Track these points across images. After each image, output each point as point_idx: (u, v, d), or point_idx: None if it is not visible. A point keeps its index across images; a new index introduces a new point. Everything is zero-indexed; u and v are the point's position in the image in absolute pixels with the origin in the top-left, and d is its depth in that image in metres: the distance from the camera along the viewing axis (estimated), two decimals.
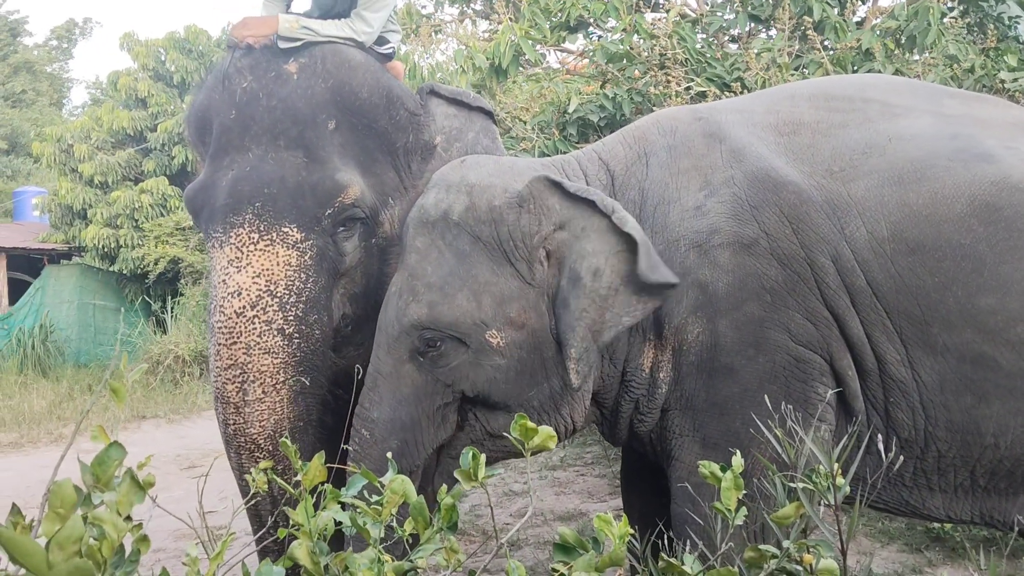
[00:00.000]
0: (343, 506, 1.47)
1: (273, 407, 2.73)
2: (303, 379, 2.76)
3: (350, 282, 2.91)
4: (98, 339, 13.39)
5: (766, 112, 2.79)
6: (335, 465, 2.44)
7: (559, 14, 6.35)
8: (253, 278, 2.73)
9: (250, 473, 1.71)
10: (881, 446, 1.94)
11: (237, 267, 2.74)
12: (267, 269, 2.74)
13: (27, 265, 15.24)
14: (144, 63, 14.14)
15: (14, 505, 1.17)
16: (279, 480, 1.57)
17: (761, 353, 2.51)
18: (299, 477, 1.47)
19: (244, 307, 2.72)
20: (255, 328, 2.72)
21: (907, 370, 2.51)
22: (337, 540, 2.05)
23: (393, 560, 1.37)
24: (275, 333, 2.72)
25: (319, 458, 1.49)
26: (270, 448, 2.75)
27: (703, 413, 2.58)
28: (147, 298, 13.63)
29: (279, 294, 2.74)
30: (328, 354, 2.84)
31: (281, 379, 2.73)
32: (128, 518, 1.15)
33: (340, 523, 1.44)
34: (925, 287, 2.48)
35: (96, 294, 13.78)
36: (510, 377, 2.55)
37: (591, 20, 6.44)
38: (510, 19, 6.26)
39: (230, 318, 2.72)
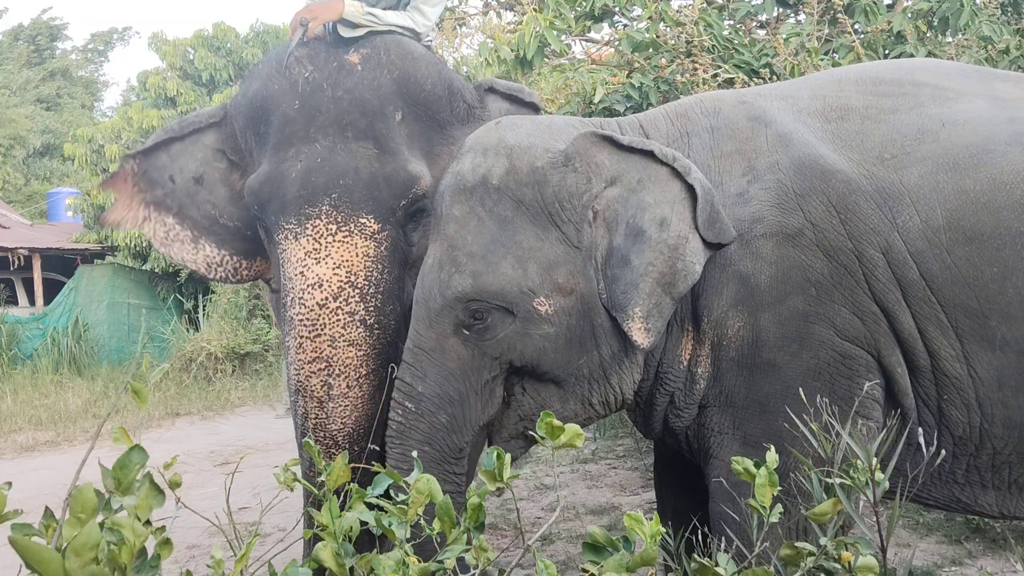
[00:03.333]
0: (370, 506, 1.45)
1: (356, 402, 2.73)
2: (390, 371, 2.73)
3: (415, 272, 2.90)
4: (131, 337, 13.54)
5: (812, 98, 2.69)
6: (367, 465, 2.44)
7: (584, 3, 6.28)
8: (334, 269, 2.72)
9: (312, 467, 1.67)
10: (922, 441, 1.88)
11: (316, 258, 2.73)
12: (347, 260, 2.73)
13: (61, 265, 15.44)
14: (172, 62, 14.27)
15: (47, 509, 1.16)
16: (304, 482, 1.55)
17: (805, 349, 2.42)
18: (323, 478, 1.45)
19: (327, 299, 2.71)
20: (339, 320, 2.71)
21: (962, 366, 2.41)
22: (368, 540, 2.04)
23: (420, 562, 1.35)
24: (358, 324, 2.72)
25: (343, 458, 1.47)
26: (347, 445, 2.72)
27: (744, 410, 2.50)
28: (179, 296, 13.76)
29: (360, 285, 2.73)
30: (400, 346, 2.82)
31: (364, 372, 2.73)
32: (148, 522, 1.14)
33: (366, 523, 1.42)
34: (983, 278, 2.38)
35: (129, 293, 13.93)
36: (559, 346, 2.46)
37: (616, 9, 6.37)
38: (534, 10, 6.20)
39: (312, 310, 2.71)
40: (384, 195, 2.80)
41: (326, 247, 2.73)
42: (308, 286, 2.72)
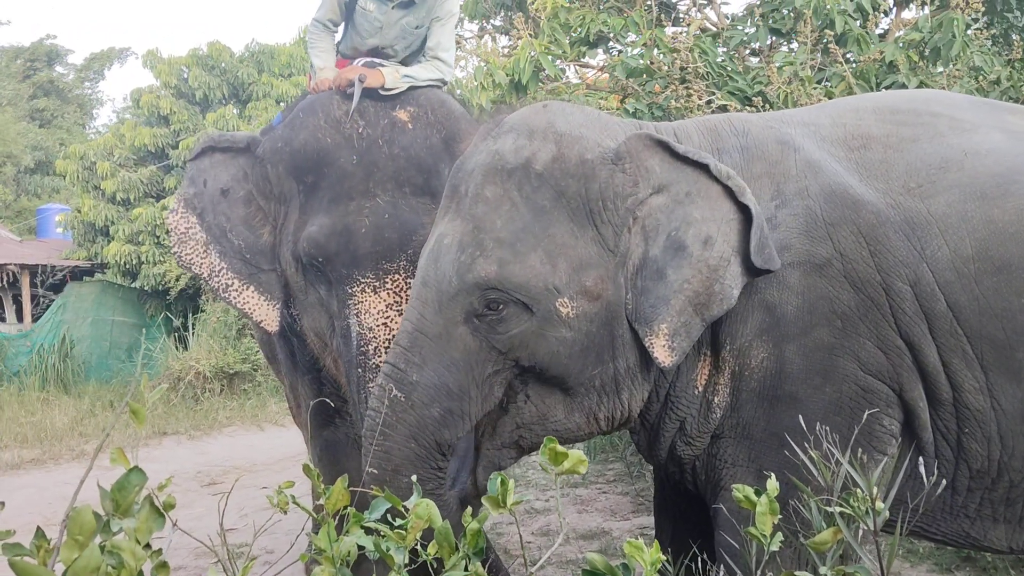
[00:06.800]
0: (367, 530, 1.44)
1: None
2: None
3: None
4: (113, 354, 13.45)
5: (833, 126, 2.65)
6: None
7: (579, 29, 6.32)
8: None
9: None
10: (923, 470, 1.87)
11: (398, 310, 2.89)
12: None
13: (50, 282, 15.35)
14: (167, 80, 14.24)
15: (39, 528, 1.15)
16: (301, 504, 1.54)
17: (828, 382, 2.37)
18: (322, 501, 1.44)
19: None
20: None
21: (986, 398, 2.38)
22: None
23: None
24: None
25: (342, 481, 1.46)
26: None
27: (761, 443, 2.43)
28: (168, 314, 13.68)
29: None
30: None
31: None
32: (147, 545, 1.13)
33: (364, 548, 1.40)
34: (1011, 309, 2.35)
35: (117, 310, 13.84)
36: (574, 352, 2.34)
37: (611, 35, 6.42)
38: (530, 35, 6.24)
39: None
40: None
41: (406, 299, 2.87)
42: (393, 336, 2.81)
